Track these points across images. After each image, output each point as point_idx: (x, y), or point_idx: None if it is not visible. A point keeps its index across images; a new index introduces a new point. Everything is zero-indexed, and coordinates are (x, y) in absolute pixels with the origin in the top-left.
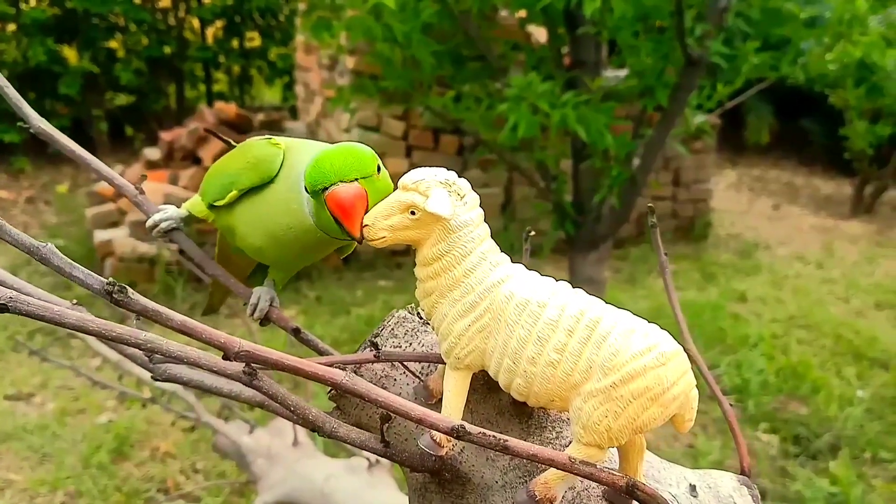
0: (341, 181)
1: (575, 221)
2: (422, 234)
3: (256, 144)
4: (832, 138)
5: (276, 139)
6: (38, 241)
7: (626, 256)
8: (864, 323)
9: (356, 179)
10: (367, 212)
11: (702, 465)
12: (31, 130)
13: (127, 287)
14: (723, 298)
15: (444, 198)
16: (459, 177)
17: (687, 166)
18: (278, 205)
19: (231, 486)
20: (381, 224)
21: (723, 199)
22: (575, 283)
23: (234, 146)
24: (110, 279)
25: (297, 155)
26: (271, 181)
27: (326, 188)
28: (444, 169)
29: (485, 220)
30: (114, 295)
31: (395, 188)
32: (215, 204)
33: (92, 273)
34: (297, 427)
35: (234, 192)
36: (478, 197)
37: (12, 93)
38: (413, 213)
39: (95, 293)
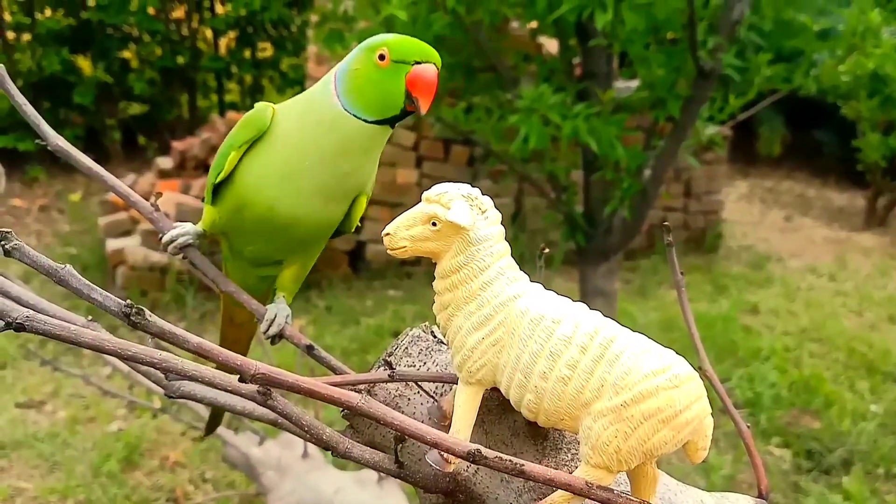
0: (426, 61)
1: (586, 233)
2: (441, 246)
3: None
4: (845, 150)
5: (269, 104)
6: (52, 249)
7: (636, 268)
8: (877, 336)
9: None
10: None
11: (714, 479)
12: (49, 148)
13: (144, 309)
14: (734, 310)
15: (464, 209)
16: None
17: (698, 177)
18: (291, 132)
19: (240, 497)
20: (403, 234)
21: (734, 211)
22: (585, 295)
23: None
24: (128, 301)
25: (294, 101)
26: (266, 131)
27: (407, 62)
28: (469, 185)
29: None
30: (131, 318)
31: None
32: (219, 181)
33: (110, 295)
34: None
35: (233, 154)
36: (500, 214)
37: (30, 110)
38: (434, 224)
39: (113, 315)
